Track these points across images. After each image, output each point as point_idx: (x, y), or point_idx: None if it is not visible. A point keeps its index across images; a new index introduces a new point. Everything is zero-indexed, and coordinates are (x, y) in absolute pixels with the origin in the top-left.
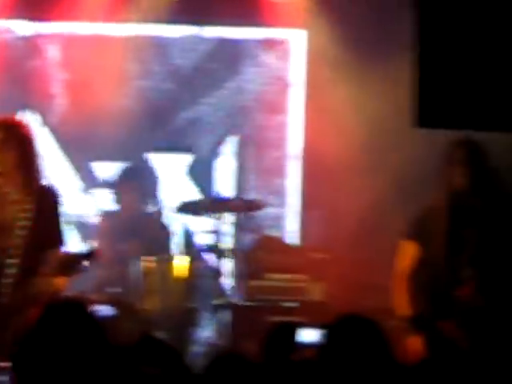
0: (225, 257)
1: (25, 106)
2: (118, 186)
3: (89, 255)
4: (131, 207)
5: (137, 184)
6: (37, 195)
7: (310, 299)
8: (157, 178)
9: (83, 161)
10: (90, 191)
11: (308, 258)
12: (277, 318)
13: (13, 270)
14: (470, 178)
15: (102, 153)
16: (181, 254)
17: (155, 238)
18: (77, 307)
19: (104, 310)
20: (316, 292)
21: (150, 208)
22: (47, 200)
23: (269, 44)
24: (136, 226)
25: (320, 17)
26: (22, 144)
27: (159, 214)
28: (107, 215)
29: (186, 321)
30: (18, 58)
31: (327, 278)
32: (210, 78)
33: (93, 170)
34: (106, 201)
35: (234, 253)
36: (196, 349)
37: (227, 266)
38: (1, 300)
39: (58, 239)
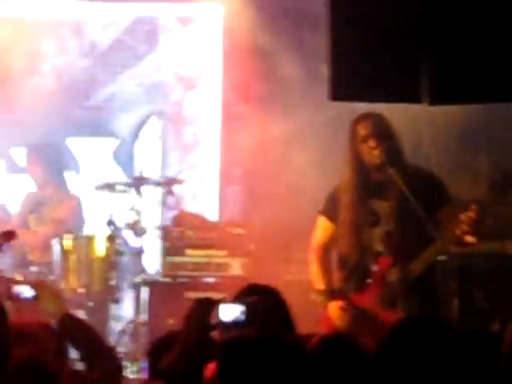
0: (144, 234)
1: None
2: (26, 163)
3: (5, 235)
4: (40, 182)
5: (41, 157)
6: None
7: (229, 274)
8: (72, 157)
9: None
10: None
11: (227, 233)
12: (197, 294)
13: None
14: (379, 152)
15: (20, 136)
16: (100, 231)
17: (64, 214)
18: None
19: (24, 290)
20: (235, 267)
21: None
22: None
23: (186, 20)
24: (49, 204)
25: None
26: None
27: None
28: (27, 196)
29: (106, 298)
30: None
31: (246, 253)
32: (127, 55)
33: (11, 154)
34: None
35: (154, 229)
36: (116, 326)
37: (147, 243)
38: None
39: None
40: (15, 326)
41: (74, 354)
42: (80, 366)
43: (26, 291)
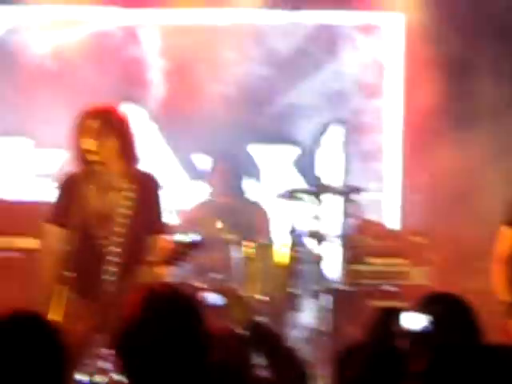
0: (325, 242)
1: (123, 95)
2: (210, 172)
3: (195, 244)
4: (223, 191)
5: (227, 167)
6: (137, 183)
7: (411, 283)
8: (253, 164)
9: (182, 151)
10: (190, 181)
11: (409, 242)
12: (379, 303)
13: (115, 259)
14: None
15: (202, 142)
16: (282, 239)
17: (253, 223)
18: (181, 296)
19: (212, 297)
20: (417, 276)
21: (248, 194)
22: (148, 188)
23: (366, 28)
24: (232, 212)
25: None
26: (120, 132)
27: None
28: (203, 204)
29: (286, 306)
30: (116, 47)
31: (428, 262)
32: (308, 63)
33: (192, 160)
34: (204, 191)
35: (335, 238)
36: (297, 334)
37: (328, 251)
38: (105, 288)
39: (159, 227)
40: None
41: (258, 360)
42: (264, 373)
43: (216, 299)
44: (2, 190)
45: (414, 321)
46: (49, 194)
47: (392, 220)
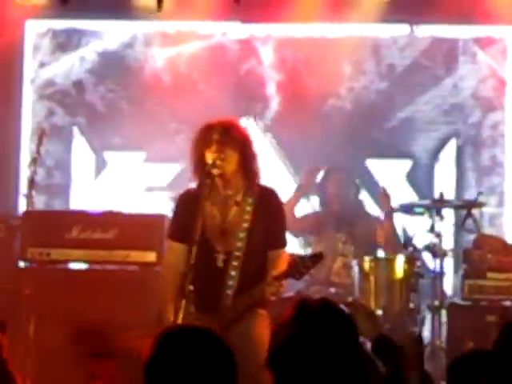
0: (444, 256)
1: (239, 109)
2: (323, 182)
3: (315, 258)
4: (338, 199)
5: (342, 178)
6: (257, 197)
7: None
8: (370, 178)
9: (297, 163)
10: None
11: None
12: (497, 318)
13: (235, 273)
14: None
15: (316, 156)
16: (399, 253)
17: (370, 236)
18: (335, 309)
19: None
20: None
21: (366, 207)
22: (269, 203)
23: (485, 41)
24: (350, 224)
25: None
26: (241, 146)
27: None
28: (318, 214)
29: (405, 320)
30: (232, 61)
31: None
32: (425, 77)
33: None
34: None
35: (454, 252)
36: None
37: (446, 265)
38: (224, 302)
39: (279, 241)
40: None
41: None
42: None
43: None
44: (114, 202)
45: None
46: (160, 207)
47: (508, 234)
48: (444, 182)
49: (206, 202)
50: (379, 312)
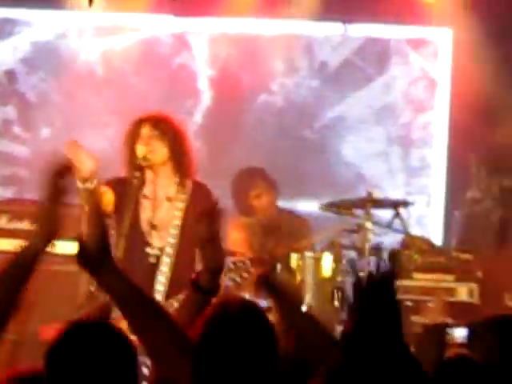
0: (370, 256)
1: (172, 103)
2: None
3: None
4: (267, 205)
5: (266, 183)
6: (190, 194)
7: (456, 300)
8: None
9: (228, 160)
10: None
11: (454, 259)
12: (423, 319)
13: (167, 269)
14: None
15: (247, 154)
16: (326, 252)
17: (294, 232)
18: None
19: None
20: (463, 293)
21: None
22: (201, 199)
23: (417, 43)
24: (274, 225)
25: (465, 15)
26: (171, 140)
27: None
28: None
29: (332, 320)
30: (166, 55)
31: (474, 279)
32: (357, 76)
33: None
34: None
35: (380, 252)
36: None
37: (371, 265)
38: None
39: None
40: None
41: None
42: None
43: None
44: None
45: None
46: None
47: (435, 235)
48: (374, 181)
49: (138, 195)
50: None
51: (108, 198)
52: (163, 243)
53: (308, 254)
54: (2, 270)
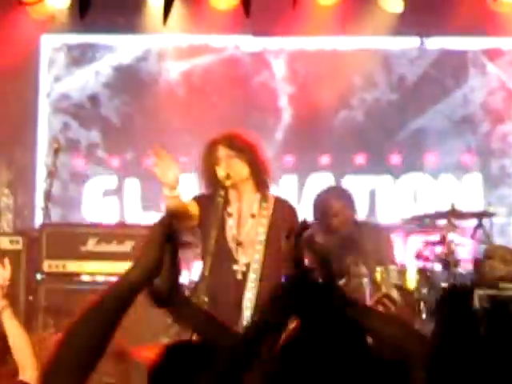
0: (456, 267)
1: (253, 121)
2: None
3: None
4: (345, 222)
5: (341, 202)
6: (273, 209)
7: None
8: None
9: (309, 174)
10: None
11: None
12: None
13: (254, 285)
14: None
15: (326, 166)
16: (411, 264)
17: (374, 246)
18: None
19: None
20: None
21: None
22: (283, 214)
23: (493, 53)
24: (354, 239)
25: None
26: (248, 155)
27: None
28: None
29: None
30: (245, 74)
31: None
32: (435, 88)
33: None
34: None
35: (465, 262)
36: None
37: (458, 275)
38: (242, 314)
39: None
40: None
41: None
42: None
43: None
44: (130, 214)
45: None
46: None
47: None
48: (458, 193)
49: (223, 213)
50: None
51: (194, 210)
52: (249, 259)
53: (392, 267)
54: (99, 298)
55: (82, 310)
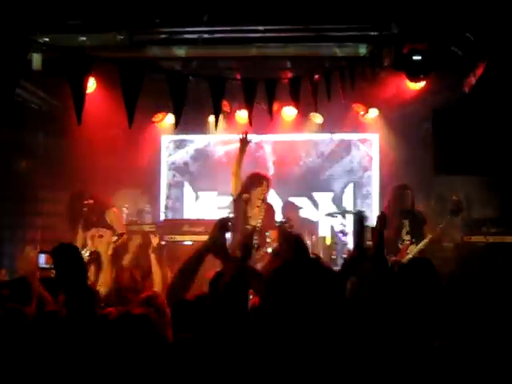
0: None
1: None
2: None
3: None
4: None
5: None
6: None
7: None
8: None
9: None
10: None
11: None
12: None
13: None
14: None
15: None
16: (328, 235)
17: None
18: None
19: None
20: None
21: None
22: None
23: (363, 140)
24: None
25: (384, 125)
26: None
27: None
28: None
29: None
30: (251, 153)
31: None
32: (338, 155)
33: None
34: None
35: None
36: None
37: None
38: None
39: None
40: None
41: None
42: None
43: None
44: (204, 215)
45: None
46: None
47: None
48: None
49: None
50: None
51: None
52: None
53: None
54: (189, 256)
55: (185, 259)
